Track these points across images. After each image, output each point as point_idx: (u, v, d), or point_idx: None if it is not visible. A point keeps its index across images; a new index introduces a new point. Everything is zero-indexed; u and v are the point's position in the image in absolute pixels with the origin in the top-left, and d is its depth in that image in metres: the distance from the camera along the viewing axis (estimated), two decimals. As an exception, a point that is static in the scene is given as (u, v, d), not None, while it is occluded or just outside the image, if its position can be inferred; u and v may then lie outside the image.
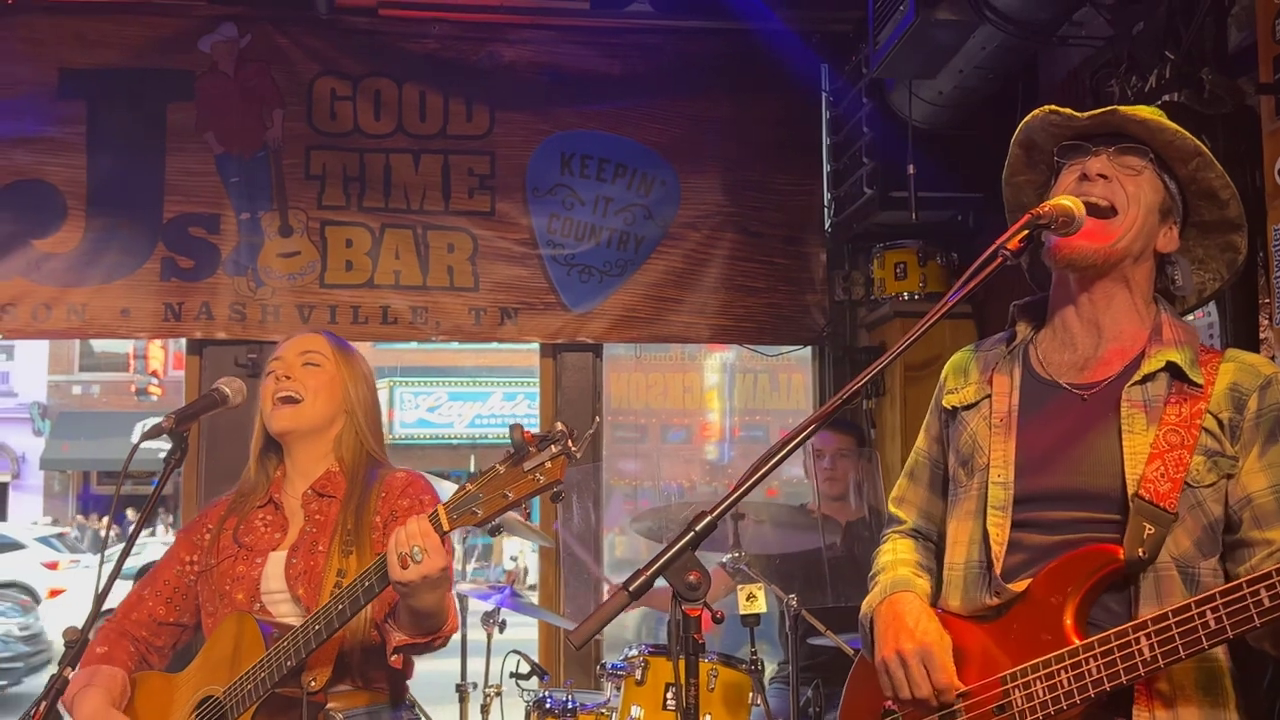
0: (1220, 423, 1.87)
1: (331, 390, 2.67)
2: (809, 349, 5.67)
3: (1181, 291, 2.05)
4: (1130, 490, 1.85)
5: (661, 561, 1.79)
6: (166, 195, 5.16)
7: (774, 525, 3.83)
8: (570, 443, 2.00)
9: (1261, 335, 3.10)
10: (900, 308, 5.16)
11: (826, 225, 5.54)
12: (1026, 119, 2.11)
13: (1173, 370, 1.92)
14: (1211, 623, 1.68)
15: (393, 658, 2.45)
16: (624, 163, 5.41)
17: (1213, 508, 1.85)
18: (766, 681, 4.37)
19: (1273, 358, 2.91)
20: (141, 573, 4.94)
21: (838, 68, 5.44)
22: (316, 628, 2.30)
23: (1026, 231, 1.91)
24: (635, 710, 3.54)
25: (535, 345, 5.52)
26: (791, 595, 3.50)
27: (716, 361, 10.86)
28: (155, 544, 13.40)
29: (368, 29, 5.31)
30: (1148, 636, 1.73)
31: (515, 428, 2.04)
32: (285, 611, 2.54)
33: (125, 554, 2.28)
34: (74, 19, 5.14)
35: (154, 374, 24.29)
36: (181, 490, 5.30)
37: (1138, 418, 1.90)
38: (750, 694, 3.55)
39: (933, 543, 2.20)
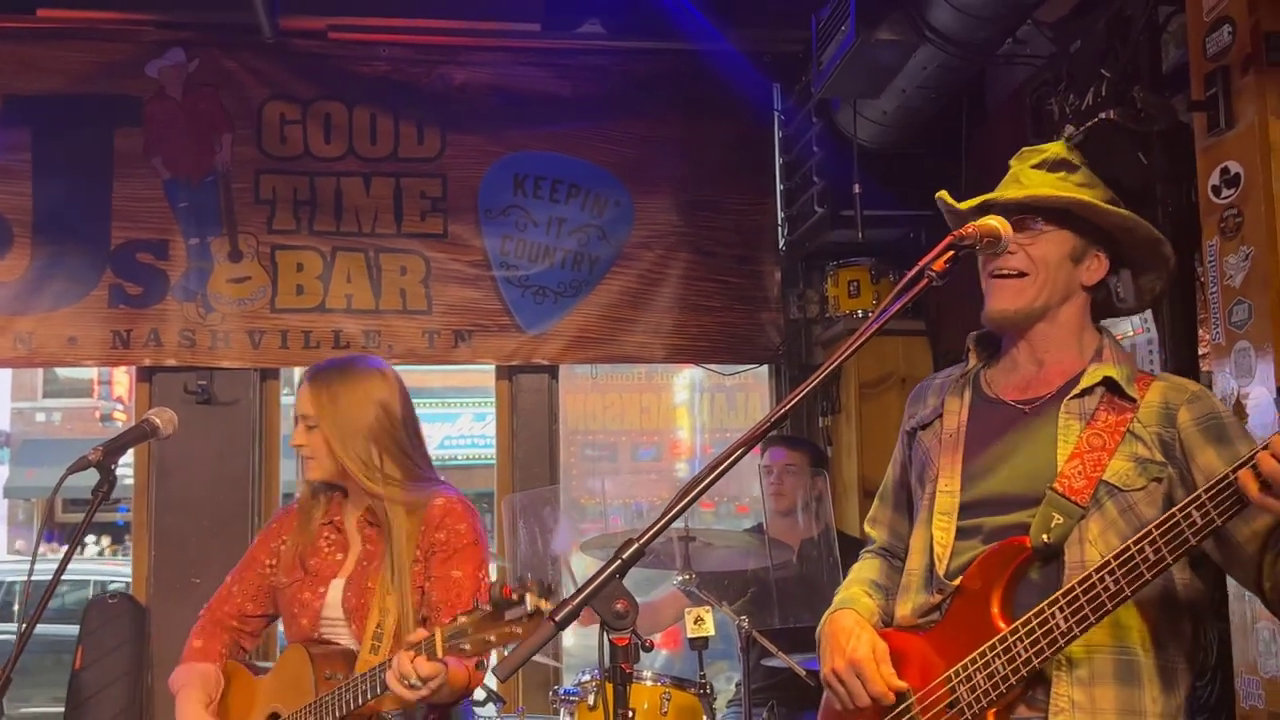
0: (1151, 434, 2.01)
1: (327, 448, 2.74)
2: (765, 367, 5.67)
3: (1125, 304, 2.19)
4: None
5: (588, 591, 1.78)
6: (114, 221, 5.11)
7: (724, 547, 3.80)
8: (543, 603, 2.10)
9: (1201, 351, 3.12)
10: (854, 325, 5.16)
11: (780, 244, 5.55)
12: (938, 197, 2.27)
13: (1109, 385, 2.06)
14: (1110, 584, 1.83)
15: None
16: (577, 183, 5.41)
17: (1145, 510, 1.97)
18: (725, 703, 4.35)
19: (1210, 373, 2.92)
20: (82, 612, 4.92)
21: (788, 88, 5.46)
22: (347, 697, 2.47)
23: (951, 252, 1.96)
24: (588, 735, 3.50)
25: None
26: (742, 617, 3.48)
27: (680, 381, 10.85)
28: (118, 564, 13.17)
29: (317, 52, 5.29)
30: (1060, 610, 1.88)
31: (496, 584, 2.16)
32: (343, 635, 2.72)
33: (49, 594, 2.25)
34: (18, 45, 5.09)
35: (119, 400, 24.01)
36: (133, 519, 5.24)
37: (1073, 427, 2.05)
38: (703, 717, 3.52)
39: (900, 559, 2.31)
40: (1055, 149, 2.20)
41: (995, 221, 2.04)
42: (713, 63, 5.40)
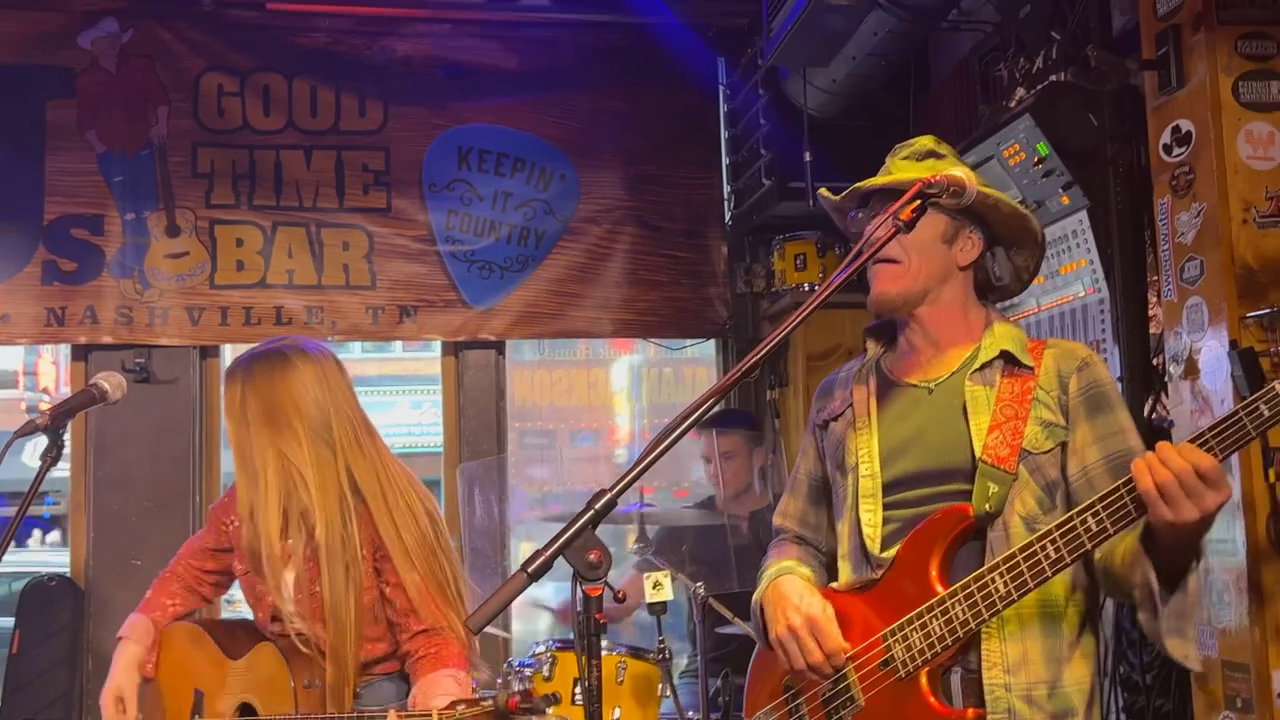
0: (1052, 399, 2.11)
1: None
2: (712, 342, 5.68)
3: (1001, 281, 2.26)
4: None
5: (561, 541, 1.76)
6: (47, 196, 4.99)
7: (679, 518, 3.80)
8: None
9: (1151, 312, 3.16)
10: (801, 298, 5.16)
11: (726, 218, 5.55)
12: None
13: (1006, 357, 2.15)
14: (1051, 553, 1.90)
15: None
16: (522, 157, 5.36)
17: (1049, 471, 2.08)
18: (676, 676, 4.35)
19: (1161, 333, 2.96)
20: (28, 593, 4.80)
21: (733, 61, 5.45)
22: None
23: (918, 201, 1.97)
24: (544, 707, 3.48)
25: (438, 353, 5.45)
26: (698, 583, 3.47)
27: (622, 364, 10.82)
28: (47, 552, 12.90)
29: (255, 23, 5.18)
30: (1001, 575, 1.94)
31: (503, 695, 2.16)
32: (301, 628, 2.65)
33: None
34: (-56, 14, 4.94)
35: (45, 391, 23.48)
36: (70, 501, 5.11)
37: (979, 400, 2.13)
38: (659, 685, 3.52)
39: (813, 547, 2.39)
40: (924, 141, 2.28)
41: (960, 172, 2.05)
42: (657, 36, 5.38)
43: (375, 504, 2.61)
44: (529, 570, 1.75)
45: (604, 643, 3.49)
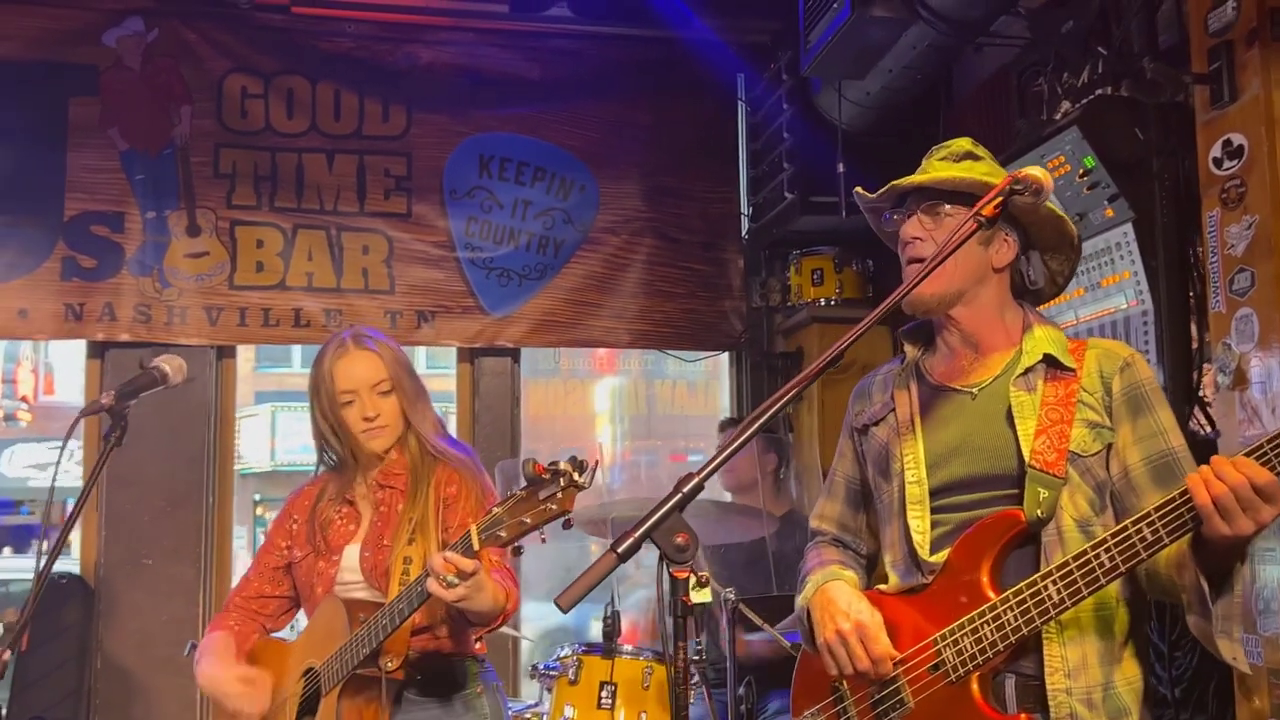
0: (1096, 399, 2.10)
1: (399, 410, 2.78)
2: (726, 354, 5.70)
3: (1036, 285, 2.24)
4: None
5: (650, 523, 1.77)
6: (68, 193, 4.98)
7: (707, 518, 3.81)
8: (577, 475, 2.10)
9: (1193, 330, 3.19)
10: (817, 313, 5.18)
11: (743, 232, 5.58)
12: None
13: (1048, 360, 2.14)
14: (1106, 561, 1.88)
15: (477, 644, 2.71)
16: (543, 166, 5.38)
17: (1099, 472, 2.07)
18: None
19: (1203, 344, 2.99)
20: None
21: (755, 76, 5.49)
22: (384, 622, 2.46)
23: (1001, 199, 1.99)
24: (568, 710, 3.47)
25: (446, 367, 5.46)
26: (729, 588, 3.47)
27: (605, 385, 10.81)
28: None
29: (281, 26, 5.20)
30: (1054, 582, 1.93)
31: (528, 461, 2.14)
32: (361, 597, 2.68)
33: (56, 552, 2.20)
34: (-30, 9, 4.93)
35: (23, 399, 23.27)
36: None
37: (1024, 406, 2.11)
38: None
39: (851, 549, 2.39)
40: (962, 143, 2.26)
41: (1039, 173, 2.06)
42: (679, 50, 5.43)
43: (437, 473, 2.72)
44: (618, 551, 1.76)
45: (628, 648, 3.52)
